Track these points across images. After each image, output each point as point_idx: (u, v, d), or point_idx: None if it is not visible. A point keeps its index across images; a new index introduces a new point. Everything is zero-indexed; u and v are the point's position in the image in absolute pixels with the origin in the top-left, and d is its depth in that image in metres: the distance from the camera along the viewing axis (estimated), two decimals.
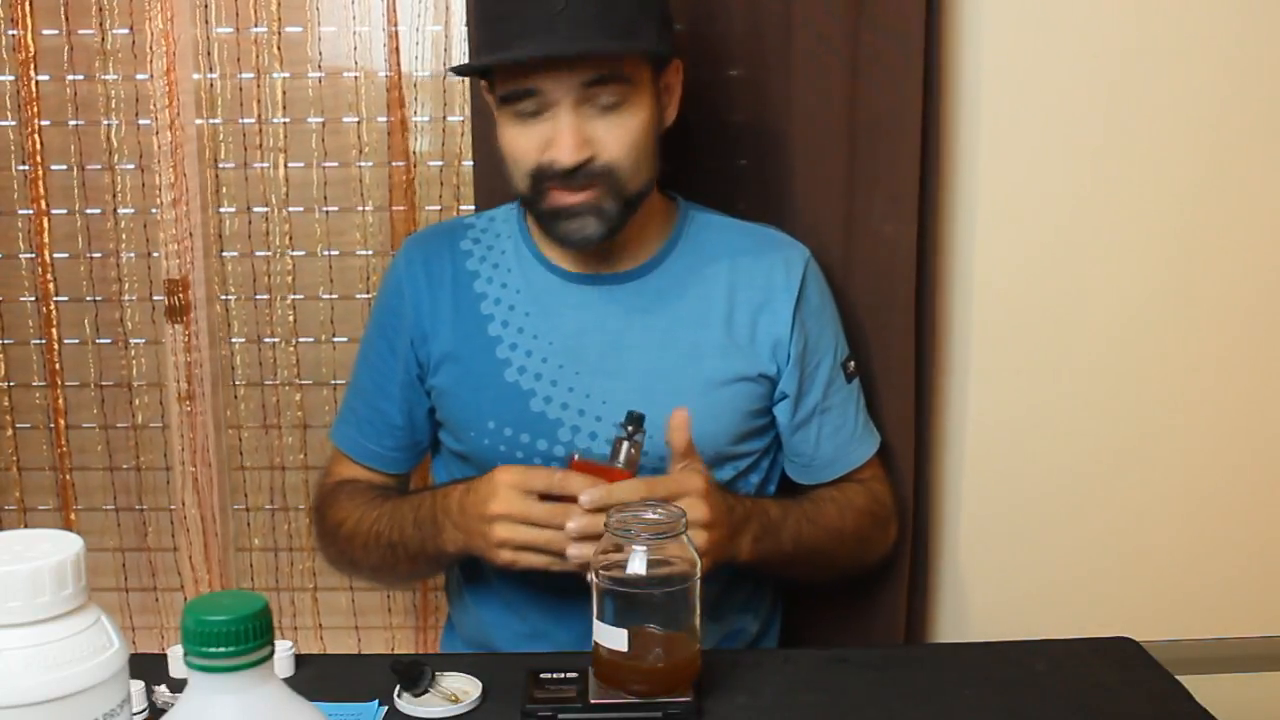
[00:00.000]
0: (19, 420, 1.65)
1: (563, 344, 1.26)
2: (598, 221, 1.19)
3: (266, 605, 0.58)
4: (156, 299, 1.61)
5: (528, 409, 1.25)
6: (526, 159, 1.18)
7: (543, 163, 1.17)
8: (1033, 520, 1.60)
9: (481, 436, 1.26)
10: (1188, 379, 1.58)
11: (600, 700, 0.97)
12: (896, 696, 1.02)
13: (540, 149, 1.17)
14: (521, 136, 1.18)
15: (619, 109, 1.17)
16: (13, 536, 0.64)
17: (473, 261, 1.31)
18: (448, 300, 1.29)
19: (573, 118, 1.15)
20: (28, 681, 0.60)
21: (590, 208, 1.18)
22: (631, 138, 1.18)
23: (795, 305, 1.28)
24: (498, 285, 1.29)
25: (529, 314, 1.27)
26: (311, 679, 1.04)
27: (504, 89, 1.18)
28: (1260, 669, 1.62)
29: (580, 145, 1.15)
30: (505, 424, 1.25)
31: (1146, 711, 1.01)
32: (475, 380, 1.26)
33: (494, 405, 1.25)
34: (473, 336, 1.27)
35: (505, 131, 1.20)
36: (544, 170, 1.17)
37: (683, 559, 0.97)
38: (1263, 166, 1.53)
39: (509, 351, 1.26)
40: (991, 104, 1.50)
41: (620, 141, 1.17)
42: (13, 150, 1.58)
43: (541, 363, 1.25)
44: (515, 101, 1.17)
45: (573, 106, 1.15)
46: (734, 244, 1.31)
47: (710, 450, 1.26)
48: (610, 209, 1.18)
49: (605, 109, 1.16)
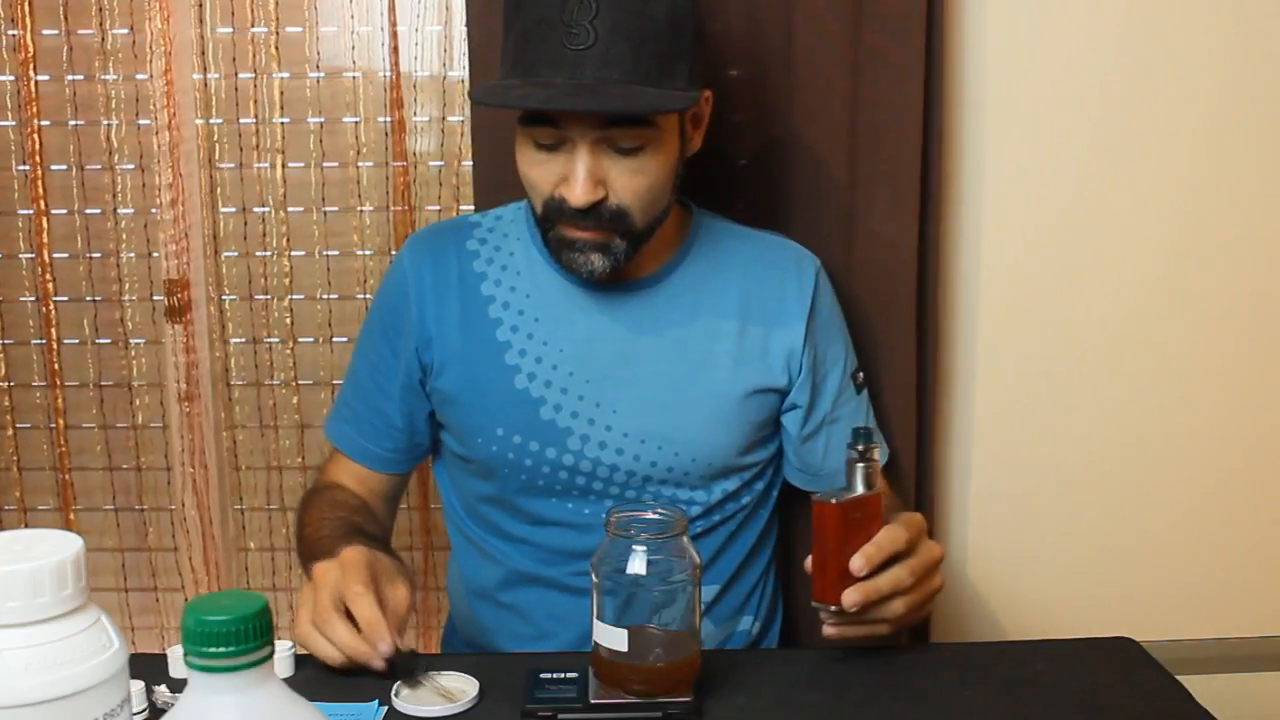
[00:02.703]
0: (19, 420, 1.65)
1: (573, 351, 1.24)
2: (603, 258, 1.16)
3: (266, 605, 0.57)
4: (156, 299, 1.61)
5: (537, 416, 1.23)
6: (541, 188, 1.16)
7: (555, 196, 1.15)
8: (1033, 520, 1.60)
9: (490, 443, 1.24)
10: (1188, 380, 1.58)
11: (600, 700, 0.97)
12: (896, 696, 1.02)
13: (554, 183, 1.14)
14: (537, 166, 1.15)
15: (638, 153, 1.13)
16: (13, 536, 0.64)
17: (479, 262, 1.28)
18: (455, 302, 1.26)
19: (588, 158, 1.12)
20: (28, 681, 0.60)
21: (598, 245, 1.16)
22: (648, 182, 1.15)
23: (808, 316, 1.27)
24: (506, 288, 1.26)
25: (538, 319, 1.25)
26: (311, 679, 1.04)
27: (525, 112, 1.14)
28: (1260, 669, 1.62)
29: (594, 187, 1.12)
30: (514, 431, 1.24)
31: (1146, 711, 1.01)
32: (483, 386, 1.25)
33: (503, 412, 1.24)
34: (481, 340, 1.25)
35: (522, 155, 1.17)
36: (556, 204, 1.15)
37: (683, 559, 0.97)
38: (1264, 164, 1.53)
39: (518, 357, 1.24)
40: (993, 103, 1.50)
41: (635, 187, 1.14)
42: (13, 150, 1.58)
43: (552, 370, 1.24)
44: (534, 128, 1.14)
45: (590, 147, 1.12)
46: (746, 253, 1.29)
47: (719, 462, 1.26)
48: (618, 247, 1.16)
49: (623, 151, 1.13)
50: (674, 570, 0.96)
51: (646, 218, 1.17)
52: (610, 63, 1.09)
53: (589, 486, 1.25)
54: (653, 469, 1.24)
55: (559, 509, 1.25)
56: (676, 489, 1.26)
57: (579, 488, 1.25)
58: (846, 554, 1.02)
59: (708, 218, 1.32)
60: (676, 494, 1.26)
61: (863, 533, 1.03)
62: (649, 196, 1.16)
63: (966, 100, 1.50)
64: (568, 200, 1.13)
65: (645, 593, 0.96)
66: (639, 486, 1.25)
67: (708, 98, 1.23)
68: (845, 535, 1.02)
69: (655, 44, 1.11)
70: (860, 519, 1.04)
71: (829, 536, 1.02)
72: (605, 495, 1.25)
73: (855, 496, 1.03)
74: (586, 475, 1.24)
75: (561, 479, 1.24)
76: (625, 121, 1.12)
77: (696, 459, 1.25)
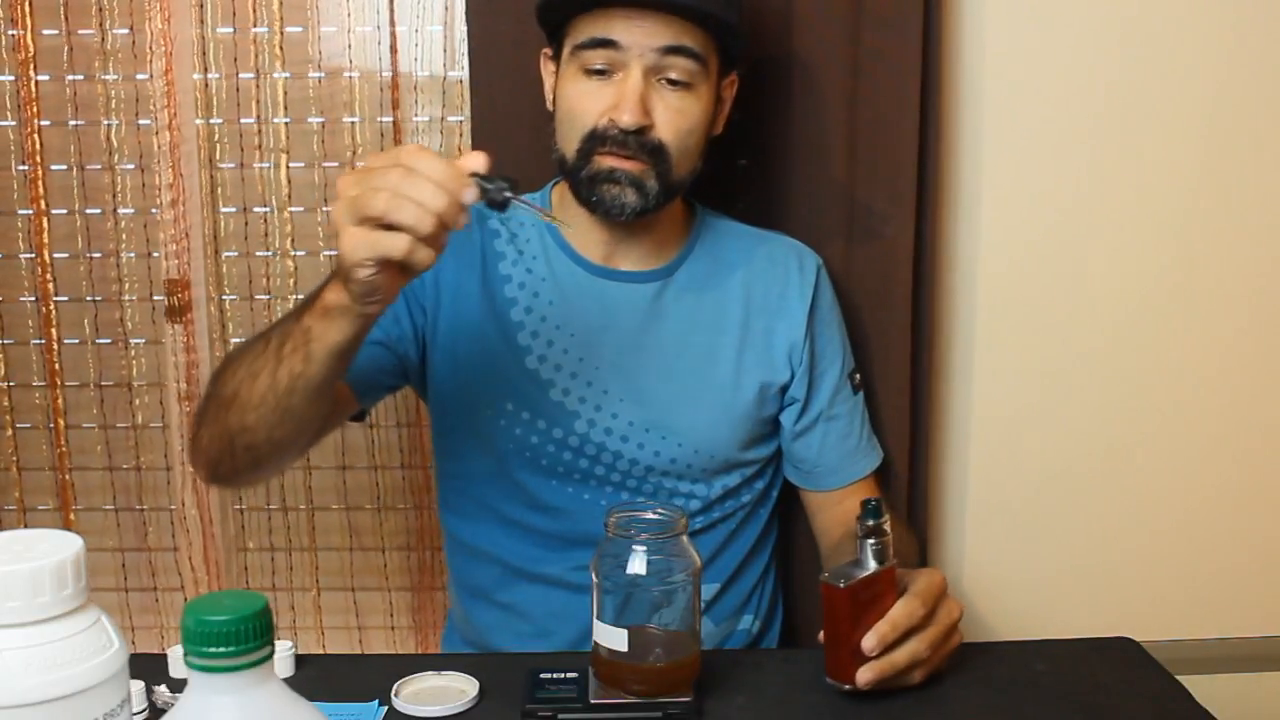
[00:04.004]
0: (19, 420, 1.64)
1: (584, 336, 1.26)
2: (637, 194, 1.19)
3: (266, 605, 0.58)
4: (156, 299, 1.61)
5: (546, 397, 1.25)
6: (585, 118, 1.19)
7: (600, 125, 1.18)
8: (1033, 520, 1.60)
9: (498, 417, 1.25)
10: (1188, 380, 1.58)
11: (600, 700, 0.97)
12: (896, 696, 1.02)
13: (601, 110, 1.18)
14: (586, 95, 1.19)
15: (684, 90, 1.19)
16: (13, 536, 0.64)
17: (500, 243, 1.30)
18: (476, 277, 1.27)
19: (641, 83, 1.16)
20: (28, 681, 0.60)
21: (633, 178, 1.19)
22: (689, 122, 1.20)
23: (809, 311, 1.30)
24: (523, 270, 1.28)
25: (552, 303, 1.27)
26: (311, 679, 1.04)
27: (582, 35, 1.18)
28: (1260, 669, 1.62)
29: (643, 111, 1.17)
30: (523, 408, 1.25)
31: (1146, 711, 1.01)
32: (496, 361, 1.26)
33: (513, 389, 1.25)
34: (496, 317, 1.26)
35: (570, 87, 1.20)
36: (600, 133, 1.18)
37: (682, 559, 0.97)
38: (1264, 160, 1.53)
39: (530, 338, 1.26)
40: (991, 103, 1.50)
41: (677, 123, 1.19)
42: (13, 150, 1.58)
43: (563, 353, 1.25)
44: (589, 50, 1.17)
45: (643, 71, 1.16)
46: (749, 250, 1.32)
47: (721, 457, 1.27)
48: (651, 186, 1.19)
49: (672, 85, 1.18)
50: (673, 570, 0.96)
51: (680, 166, 1.21)
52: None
53: (591, 471, 1.26)
54: (655, 459, 1.25)
55: (558, 492, 1.26)
56: (678, 481, 1.27)
57: (581, 471, 1.26)
58: (860, 631, 0.98)
59: (711, 215, 1.35)
60: (677, 486, 1.27)
61: (876, 609, 0.99)
62: (687, 141, 1.20)
63: (965, 100, 1.50)
64: (616, 123, 1.17)
65: (645, 593, 0.96)
66: (640, 476, 1.26)
67: (733, 82, 1.28)
68: (856, 615, 0.98)
69: None
70: (873, 596, 1.00)
71: (840, 618, 0.98)
72: (606, 482, 1.26)
73: (865, 576, 0.99)
74: (590, 459, 1.25)
75: (565, 460, 1.25)
76: (678, 51, 1.17)
77: (699, 451, 1.26)
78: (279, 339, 1.05)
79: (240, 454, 1.11)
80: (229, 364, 1.13)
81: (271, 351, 1.05)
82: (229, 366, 1.12)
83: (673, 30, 1.16)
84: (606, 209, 1.20)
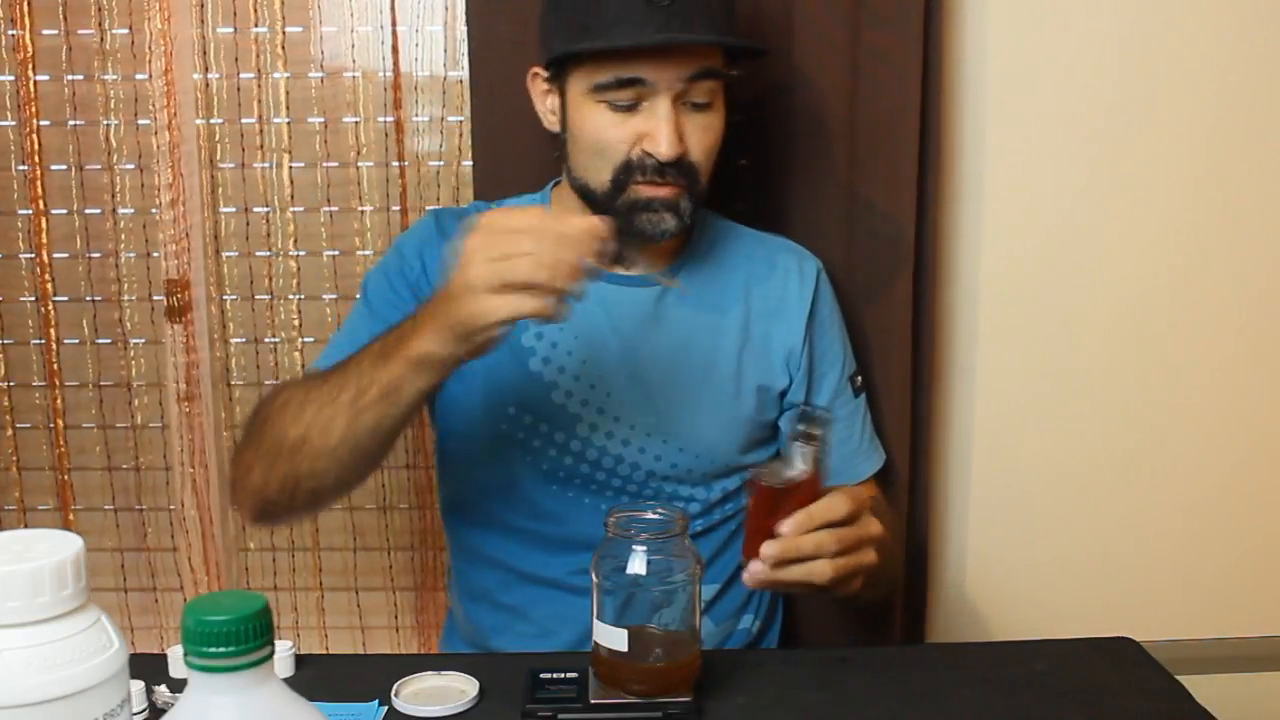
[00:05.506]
0: (19, 420, 1.64)
1: (586, 340, 1.26)
2: (674, 218, 1.19)
3: (266, 605, 0.57)
4: (156, 299, 1.61)
5: (549, 400, 1.25)
6: (616, 150, 1.18)
7: (635, 156, 1.17)
8: (1033, 520, 1.60)
9: (500, 421, 1.25)
10: (1188, 380, 1.58)
11: (600, 700, 0.97)
12: (896, 696, 1.02)
13: (633, 141, 1.17)
14: (614, 128, 1.17)
15: (707, 110, 1.19)
16: (13, 536, 0.64)
17: None
18: None
19: (672, 112, 1.16)
20: (28, 681, 0.60)
21: (671, 204, 1.19)
22: (714, 140, 1.20)
23: (808, 315, 1.30)
24: None
25: None
26: (312, 679, 1.04)
27: (601, 77, 1.16)
28: (1260, 669, 1.62)
29: (679, 140, 1.16)
30: (526, 411, 1.25)
31: (1146, 711, 1.01)
32: (498, 365, 1.24)
33: (516, 392, 1.25)
34: None
35: (594, 121, 1.18)
36: (635, 164, 1.17)
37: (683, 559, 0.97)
38: (1266, 160, 1.53)
39: (534, 340, 1.26)
40: (992, 102, 1.50)
41: (706, 144, 1.19)
42: (12, 150, 1.58)
43: (566, 356, 1.25)
44: (612, 90, 1.16)
45: (671, 100, 1.16)
46: (749, 253, 1.32)
47: (722, 461, 1.27)
48: (685, 207, 1.20)
49: (696, 107, 1.18)
50: (674, 570, 0.96)
51: (706, 177, 1.22)
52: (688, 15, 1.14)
53: (592, 476, 1.25)
54: (656, 464, 1.25)
55: (559, 498, 1.26)
56: (678, 485, 1.27)
57: (582, 476, 1.25)
58: None
59: (711, 217, 1.35)
60: (678, 490, 1.27)
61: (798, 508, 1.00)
62: (713, 154, 1.21)
63: (965, 99, 1.50)
64: (654, 155, 1.16)
65: (645, 593, 0.96)
66: (641, 481, 1.26)
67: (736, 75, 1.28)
68: (777, 510, 0.99)
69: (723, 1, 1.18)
70: (797, 497, 1.00)
71: (761, 513, 1.00)
72: (607, 487, 1.26)
73: (791, 475, 1.00)
74: (591, 464, 1.25)
75: (566, 464, 1.25)
76: (704, 76, 1.16)
77: (700, 456, 1.26)
78: (355, 389, 1.05)
79: (302, 496, 1.12)
80: (284, 409, 1.11)
81: (346, 401, 1.06)
82: (285, 412, 1.11)
83: (697, 59, 1.16)
84: (648, 237, 1.20)
